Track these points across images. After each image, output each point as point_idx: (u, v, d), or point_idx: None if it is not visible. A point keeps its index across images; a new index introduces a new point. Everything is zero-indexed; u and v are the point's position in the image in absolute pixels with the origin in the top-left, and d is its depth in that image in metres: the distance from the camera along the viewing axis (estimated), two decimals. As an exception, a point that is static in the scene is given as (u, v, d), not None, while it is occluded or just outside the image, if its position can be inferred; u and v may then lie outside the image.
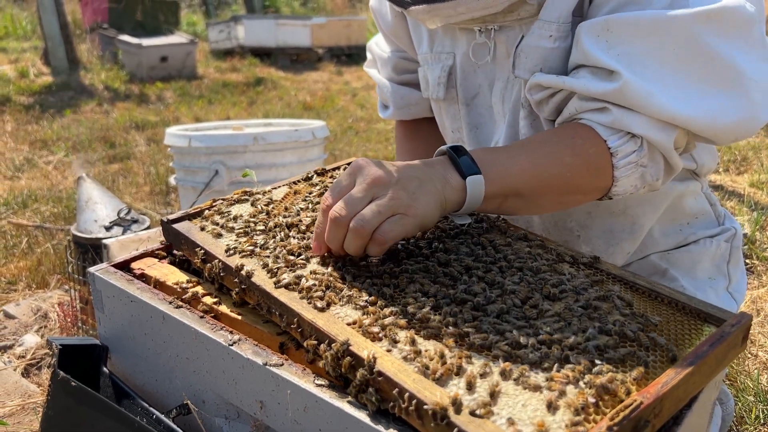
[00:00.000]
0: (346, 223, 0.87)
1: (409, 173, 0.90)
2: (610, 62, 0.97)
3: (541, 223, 1.28)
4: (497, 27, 1.17)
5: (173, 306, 0.99)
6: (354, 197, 0.87)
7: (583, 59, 1.02)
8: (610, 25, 0.99)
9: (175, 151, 2.67)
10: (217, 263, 1.00)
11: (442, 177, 0.92)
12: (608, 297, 0.86)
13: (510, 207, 1.02)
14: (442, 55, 1.29)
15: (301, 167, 2.52)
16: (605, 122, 1.01)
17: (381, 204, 0.86)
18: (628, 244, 1.27)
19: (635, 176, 1.03)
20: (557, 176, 1.00)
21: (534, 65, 1.10)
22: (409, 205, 0.87)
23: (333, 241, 0.90)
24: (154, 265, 1.13)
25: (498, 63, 1.21)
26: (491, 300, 0.85)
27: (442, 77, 1.29)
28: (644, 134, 1.00)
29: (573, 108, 1.05)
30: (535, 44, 1.09)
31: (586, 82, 1.01)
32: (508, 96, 1.21)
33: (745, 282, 1.33)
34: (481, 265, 0.93)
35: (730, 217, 1.37)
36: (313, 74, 9.44)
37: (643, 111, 0.98)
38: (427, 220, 0.90)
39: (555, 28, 1.07)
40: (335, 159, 4.59)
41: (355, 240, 0.87)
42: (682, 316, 0.86)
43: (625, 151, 1.01)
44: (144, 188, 4.06)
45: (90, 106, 6.95)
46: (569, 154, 1.00)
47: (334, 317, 0.84)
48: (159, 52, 8.53)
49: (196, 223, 1.11)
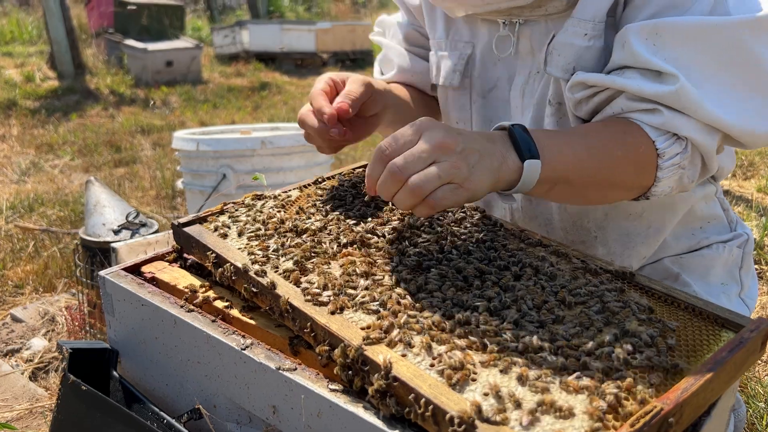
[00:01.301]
0: (403, 180, 0.85)
1: (471, 144, 0.88)
2: (665, 65, 0.98)
3: (561, 221, 1.26)
4: (522, 21, 1.17)
5: (184, 310, 0.99)
6: (416, 155, 0.86)
7: (632, 61, 1.01)
8: (659, 29, 0.99)
9: (183, 155, 2.67)
10: (228, 267, 0.99)
11: (501, 155, 0.91)
12: (625, 302, 0.85)
13: (557, 194, 1.02)
14: (459, 43, 1.29)
15: (308, 171, 2.52)
16: (655, 123, 1.01)
17: (442, 169, 0.85)
18: (644, 248, 1.26)
19: (674, 178, 1.04)
20: (608, 169, 1.01)
21: (567, 63, 1.10)
22: (466, 177, 0.86)
23: (385, 191, 0.88)
24: (164, 268, 1.12)
25: (520, 57, 1.21)
26: (506, 305, 0.84)
27: (459, 65, 1.28)
28: (692, 137, 1.01)
29: (619, 107, 1.05)
30: (569, 42, 1.08)
31: (640, 83, 1.00)
32: (529, 91, 1.20)
33: (756, 288, 1.33)
34: (494, 269, 0.93)
35: (742, 223, 1.37)
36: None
37: (693, 114, 0.99)
38: (478, 195, 0.89)
39: (591, 27, 1.06)
40: (341, 163, 4.59)
41: (409, 198, 0.86)
42: (699, 321, 0.85)
43: (671, 153, 1.02)
44: (150, 192, 4.07)
45: (96, 110, 6.97)
46: (621, 149, 1.01)
47: (348, 321, 0.83)
48: (164, 57, 8.56)
49: (207, 226, 1.10)
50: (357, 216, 1.09)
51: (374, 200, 1.14)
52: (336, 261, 0.97)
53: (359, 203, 1.14)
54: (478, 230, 1.06)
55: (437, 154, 0.86)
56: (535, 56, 1.19)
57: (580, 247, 1.27)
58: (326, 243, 1.01)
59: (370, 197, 1.14)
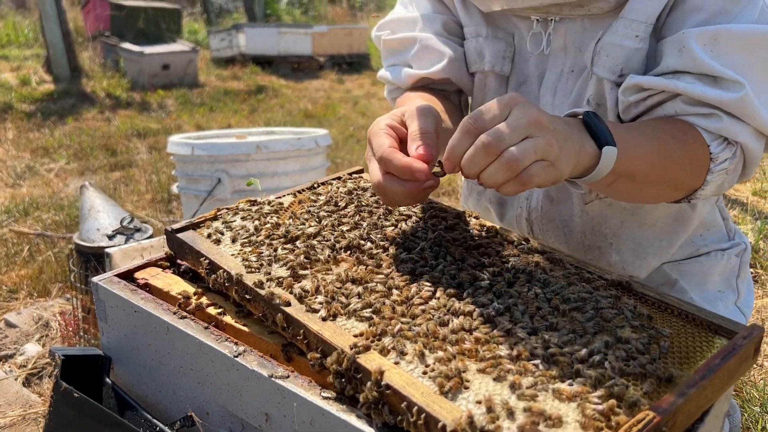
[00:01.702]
0: (498, 152, 0.81)
1: (559, 126, 0.86)
2: (729, 72, 0.98)
3: (581, 224, 1.25)
4: (557, 18, 1.16)
5: (177, 316, 0.98)
6: (511, 129, 0.81)
7: (692, 66, 1.01)
8: (718, 36, 0.99)
9: (178, 159, 2.66)
10: (221, 273, 0.99)
11: (579, 140, 0.89)
12: (619, 309, 0.85)
13: (617, 188, 1.02)
14: (500, 31, 1.25)
15: (303, 176, 2.51)
16: (712, 128, 1.02)
17: (537, 145, 0.81)
18: (654, 259, 1.27)
19: (718, 182, 1.06)
20: (668, 168, 1.01)
21: (616, 65, 1.09)
22: (558, 156, 0.84)
23: (473, 166, 0.83)
24: (158, 274, 1.12)
25: (553, 55, 1.19)
26: (499, 311, 0.84)
27: (508, 52, 1.24)
28: (745, 142, 1.02)
29: (673, 110, 1.05)
30: (620, 43, 1.08)
31: (702, 88, 1.00)
32: (561, 90, 1.19)
33: (753, 297, 1.33)
34: (488, 275, 0.93)
35: (740, 233, 1.38)
36: (314, 82, 9.46)
37: (750, 121, 1.00)
38: (564, 176, 0.87)
39: (642, 28, 1.06)
40: (336, 167, 4.59)
41: (503, 172, 0.82)
42: (692, 327, 0.85)
43: (722, 158, 1.03)
44: (146, 196, 4.06)
45: (92, 113, 6.96)
46: (682, 149, 1.01)
47: (341, 328, 0.83)
48: (161, 60, 8.55)
49: (201, 232, 1.10)
50: (351, 222, 1.09)
51: (364, 208, 1.14)
52: (329, 267, 0.96)
53: (353, 209, 1.13)
54: (472, 236, 1.06)
55: (532, 129, 0.82)
56: (568, 54, 1.18)
57: (595, 253, 1.27)
58: (320, 249, 1.00)
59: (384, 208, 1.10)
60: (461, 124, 0.86)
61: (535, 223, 1.28)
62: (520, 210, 1.30)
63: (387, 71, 1.38)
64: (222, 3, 20.20)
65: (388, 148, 0.92)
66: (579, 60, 1.17)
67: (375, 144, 0.95)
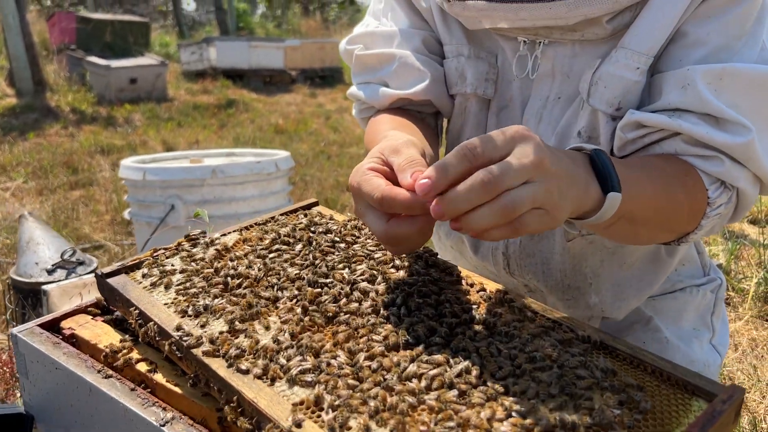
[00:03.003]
0: (495, 194, 0.73)
1: (564, 167, 0.78)
2: (738, 117, 0.94)
3: (561, 263, 1.17)
4: (546, 41, 1.08)
5: (101, 376, 0.88)
6: (512, 170, 0.73)
7: (698, 105, 0.96)
8: (724, 75, 0.95)
9: (130, 184, 2.54)
10: (152, 326, 0.89)
11: (584, 182, 0.82)
12: (588, 367, 0.77)
13: (614, 231, 0.95)
14: (482, 52, 1.17)
15: (263, 201, 2.40)
16: (713, 171, 0.98)
17: (537, 192, 0.74)
18: (634, 300, 1.20)
19: (710, 227, 1.01)
20: (669, 211, 0.97)
21: (614, 97, 1.02)
22: (556, 204, 0.76)
23: (463, 202, 0.73)
24: (86, 323, 1.02)
25: (539, 79, 1.11)
26: (456, 373, 0.75)
27: (491, 74, 1.15)
28: (742, 188, 0.99)
29: (672, 148, 1.00)
30: (620, 74, 1.01)
31: (707, 130, 0.96)
32: (547, 117, 1.11)
33: (728, 334, 1.28)
34: (446, 328, 0.84)
35: (715, 268, 1.33)
36: (286, 96, 9.37)
37: (750, 166, 0.97)
38: (560, 224, 0.80)
39: (644, 60, 1.00)
40: (305, 185, 4.49)
41: (496, 216, 0.73)
42: (667, 388, 0.77)
43: (719, 202, 0.99)
44: (105, 217, 3.91)
45: (55, 129, 6.78)
46: (682, 192, 0.97)
47: (279, 396, 0.74)
48: (128, 74, 8.40)
49: (134, 276, 1.00)
50: (300, 265, 1.00)
51: (317, 243, 1.05)
52: (272, 320, 0.87)
53: (304, 249, 1.04)
54: (431, 280, 0.97)
55: (534, 173, 0.74)
56: (556, 80, 1.10)
57: (574, 293, 1.19)
58: (262, 299, 0.91)
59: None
60: (458, 148, 0.76)
61: (513, 257, 1.19)
62: (497, 243, 1.20)
63: (360, 89, 1.26)
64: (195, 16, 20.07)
65: (386, 186, 0.81)
66: (567, 87, 1.09)
67: (368, 189, 0.82)
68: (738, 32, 0.96)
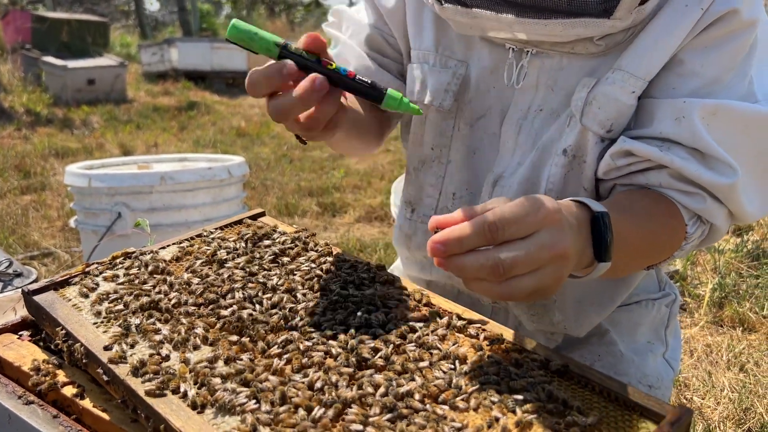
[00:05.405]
0: (503, 279, 0.73)
1: (576, 246, 0.78)
2: (726, 157, 0.95)
3: None
4: (534, 51, 1.06)
5: (22, 402, 0.83)
6: (529, 261, 0.72)
7: (688, 139, 0.95)
8: (718, 111, 0.94)
9: (75, 191, 2.44)
10: (79, 347, 0.83)
11: (581, 250, 0.81)
12: (534, 389, 0.75)
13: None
14: (450, 60, 1.13)
15: (215, 208, 2.33)
16: (694, 208, 0.99)
17: (542, 278, 0.74)
18: (596, 317, 1.18)
19: (680, 256, 1.04)
20: (650, 253, 1.00)
21: (606, 119, 1.00)
22: (556, 286, 0.77)
23: (470, 273, 0.73)
24: (12, 343, 0.95)
25: (522, 90, 1.08)
26: (397, 396, 0.72)
27: (453, 85, 1.12)
28: (717, 224, 1.02)
29: (657, 181, 1.00)
30: (615, 96, 0.99)
31: (696, 167, 0.96)
32: (526, 129, 1.08)
33: (680, 349, 1.30)
34: (391, 348, 0.80)
35: (670, 284, 1.34)
36: (248, 99, 9.26)
37: (729, 204, 0.99)
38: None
39: (640, 85, 0.98)
40: (266, 189, 4.42)
41: (491, 292, 0.74)
42: (615, 409, 0.75)
43: (694, 237, 1.02)
44: (56, 223, 3.78)
45: (8, 131, 6.56)
46: (666, 235, 0.99)
47: (208, 424, 0.69)
48: (86, 75, 8.19)
49: (63, 293, 0.94)
50: (240, 281, 0.95)
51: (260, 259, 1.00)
52: (204, 342, 0.82)
53: (246, 263, 0.99)
54: (376, 295, 0.93)
55: (549, 263, 0.74)
56: (539, 91, 1.07)
57: (539, 310, 1.18)
58: (195, 319, 0.86)
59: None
60: (477, 219, 0.73)
61: None
62: None
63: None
64: (158, 16, 19.76)
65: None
66: (550, 99, 1.07)
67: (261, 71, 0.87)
68: (730, 65, 0.96)
